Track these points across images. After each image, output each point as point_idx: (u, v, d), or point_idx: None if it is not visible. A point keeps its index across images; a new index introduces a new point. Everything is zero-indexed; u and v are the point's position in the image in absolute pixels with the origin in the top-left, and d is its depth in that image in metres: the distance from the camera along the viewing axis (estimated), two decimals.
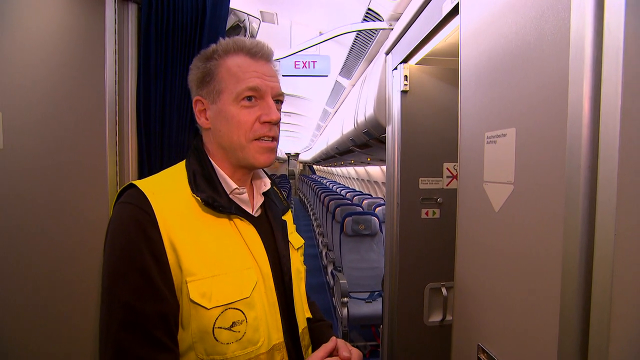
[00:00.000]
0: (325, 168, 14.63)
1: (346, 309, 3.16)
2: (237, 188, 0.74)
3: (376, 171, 6.31)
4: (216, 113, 0.72)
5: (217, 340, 0.64)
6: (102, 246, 0.63)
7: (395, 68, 1.45)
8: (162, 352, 0.62)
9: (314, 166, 18.43)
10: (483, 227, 0.75)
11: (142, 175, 1.00)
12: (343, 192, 7.22)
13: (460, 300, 0.86)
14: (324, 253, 5.18)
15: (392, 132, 1.44)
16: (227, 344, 0.65)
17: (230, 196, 0.74)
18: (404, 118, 1.40)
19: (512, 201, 0.65)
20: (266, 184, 0.84)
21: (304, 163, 17.70)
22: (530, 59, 0.60)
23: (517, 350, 0.66)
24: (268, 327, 0.71)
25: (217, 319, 0.64)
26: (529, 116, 0.61)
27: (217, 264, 0.67)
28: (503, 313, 0.69)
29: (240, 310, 0.67)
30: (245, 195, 0.76)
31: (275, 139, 0.75)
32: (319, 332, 0.90)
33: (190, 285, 0.64)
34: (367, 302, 3.39)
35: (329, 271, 4.39)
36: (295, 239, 0.88)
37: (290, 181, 15.86)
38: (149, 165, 1.00)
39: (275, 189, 0.93)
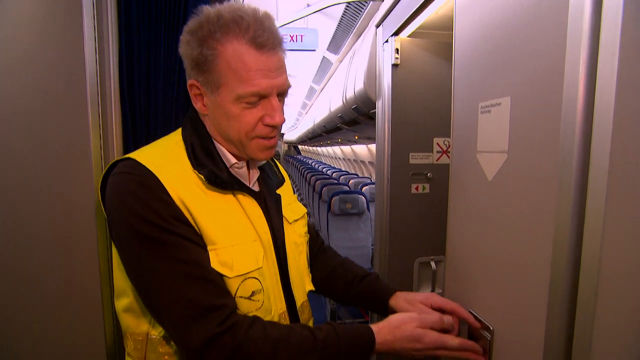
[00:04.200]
0: (310, 148, 14.57)
1: None
2: (236, 163, 0.74)
3: (363, 150, 6.33)
4: (214, 105, 0.69)
5: (237, 310, 0.66)
6: (86, 220, 0.63)
7: (386, 41, 1.44)
8: (226, 296, 0.64)
9: (299, 146, 18.33)
10: (476, 197, 0.77)
11: (128, 152, 0.97)
12: (329, 172, 7.22)
13: (451, 269, 0.89)
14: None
15: (383, 107, 1.44)
16: (248, 312, 0.67)
17: (230, 170, 0.74)
18: (395, 92, 1.40)
19: (505, 170, 0.67)
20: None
21: (289, 143, 17.58)
22: (527, 26, 0.61)
23: (506, 314, 0.69)
24: (275, 297, 0.74)
25: (238, 288, 0.66)
26: (524, 84, 0.62)
27: (233, 234, 0.68)
28: (493, 280, 0.72)
29: (258, 280, 0.69)
30: (244, 170, 0.76)
31: (277, 135, 0.74)
32: (370, 290, 0.91)
33: (212, 253, 0.65)
34: None
35: None
36: (295, 210, 0.89)
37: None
38: (135, 141, 0.97)
39: (271, 161, 0.93)
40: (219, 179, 0.69)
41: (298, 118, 9.70)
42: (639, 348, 0.46)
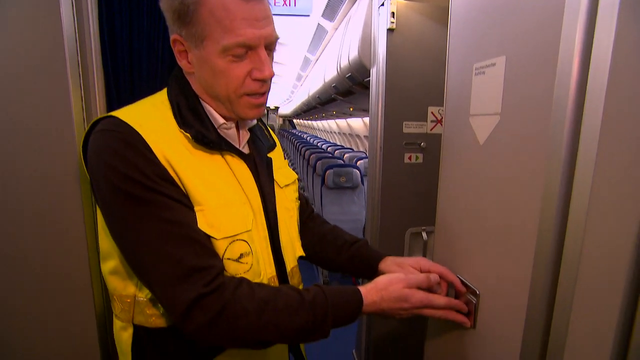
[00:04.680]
0: (305, 122, 14.45)
1: None
2: (224, 123, 0.72)
3: (358, 124, 6.28)
4: (200, 60, 0.66)
5: (225, 272, 0.66)
6: (70, 181, 0.62)
7: (382, 4, 1.39)
8: (213, 257, 0.63)
9: (294, 120, 18.14)
10: (467, 161, 0.77)
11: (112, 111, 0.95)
12: (324, 146, 7.18)
13: (441, 235, 0.90)
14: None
15: (377, 74, 1.41)
16: (236, 275, 0.67)
17: (219, 131, 0.72)
18: (390, 58, 1.37)
19: (497, 132, 0.66)
20: (252, 120, 0.81)
21: (284, 117, 17.40)
22: None
23: (492, 278, 0.70)
24: (264, 261, 0.74)
25: (225, 250, 0.65)
26: (520, 42, 0.60)
27: (220, 195, 0.67)
28: (481, 245, 0.73)
29: (246, 242, 0.68)
30: (233, 131, 0.75)
31: (266, 92, 0.71)
32: (359, 254, 0.92)
33: (199, 214, 0.64)
34: None
35: None
36: (286, 175, 0.88)
37: None
38: (119, 100, 0.95)
39: (261, 124, 0.91)
40: (206, 138, 0.67)
41: (293, 91, 9.55)
42: (618, 310, 0.46)
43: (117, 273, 0.68)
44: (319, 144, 8.01)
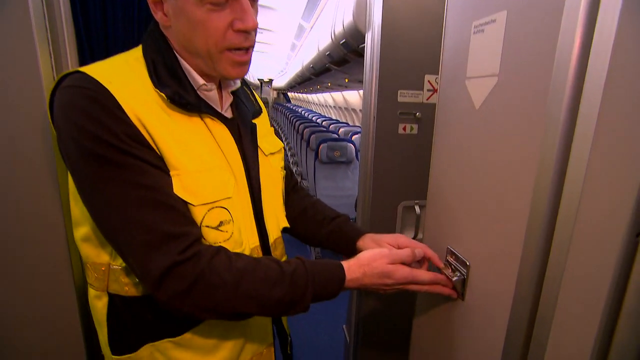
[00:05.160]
0: (301, 95, 14.26)
1: None
2: (204, 84, 0.68)
3: (354, 97, 6.20)
4: (176, 11, 0.61)
5: (204, 240, 0.64)
6: (39, 142, 0.58)
7: None
8: (189, 224, 0.61)
9: (289, 94, 17.90)
10: (461, 127, 0.74)
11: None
12: (319, 121, 7.17)
13: (432, 205, 0.88)
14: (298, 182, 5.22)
15: (372, 39, 1.35)
16: (214, 243, 0.65)
17: (198, 92, 0.68)
18: (385, 23, 1.31)
19: (494, 95, 0.63)
20: (235, 82, 0.78)
21: (278, 90, 17.14)
22: None
23: (483, 249, 0.69)
24: (247, 231, 0.72)
25: (204, 217, 0.63)
26: None
27: (199, 160, 0.64)
28: (473, 216, 0.71)
29: (227, 210, 0.66)
30: (214, 93, 0.71)
31: (251, 47, 0.67)
32: (339, 230, 0.91)
33: (175, 179, 0.61)
34: None
35: None
36: (271, 143, 0.86)
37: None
38: (93, 58, 0.90)
39: (247, 89, 0.87)
40: (184, 99, 0.64)
41: (287, 62, 9.35)
42: (609, 283, 0.45)
43: (90, 240, 0.66)
44: (313, 118, 7.96)
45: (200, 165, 0.64)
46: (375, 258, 0.70)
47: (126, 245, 0.58)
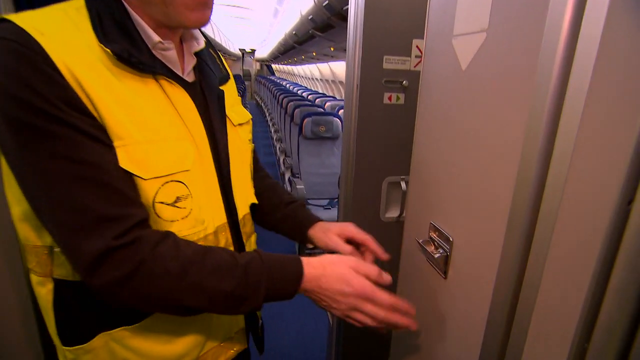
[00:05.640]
0: (285, 67, 14.02)
1: None
2: (160, 42, 0.62)
3: (341, 69, 6.11)
4: None
5: (158, 217, 0.61)
6: None
7: None
8: (130, 206, 0.57)
9: (273, 66, 17.58)
10: (446, 91, 0.72)
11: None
12: (304, 94, 7.09)
13: (416, 178, 0.88)
14: (281, 160, 5.23)
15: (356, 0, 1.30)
16: (171, 221, 0.62)
17: (153, 52, 0.62)
18: None
19: (482, 53, 0.60)
20: (199, 42, 0.73)
21: (261, 61, 16.81)
22: None
23: (467, 224, 0.68)
24: (211, 207, 0.69)
25: (157, 192, 0.60)
26: None
27: (151, 128, 0.60)
28: (458, 188, 0.70)
29: (184, 184, 0.63)
30: (173, 53, 0.65)
31: None
32: (293, 216, 0.90)
33: (120, 150, 0.56)
34: (325, 208, 3.53)
35: (287, 178, 4.47)
36: (239, 113, 0.83)
37: (246, 83, 15.09)
38: (31, 6, 0.83)
39: (212, 52, 0.83)
40: (134, 57, 0.58)
41: (269, 29, 9.12)
42: (594, 263, 0.44)
43: (28, 220, 0.61)
44: (298, 92, 7.86)
45: (152, 134, 0.60)
46: (341, 260, 0.67)
47: (56, 227, 0.55)
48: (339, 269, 0.66)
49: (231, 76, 0.86)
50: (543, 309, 0.50)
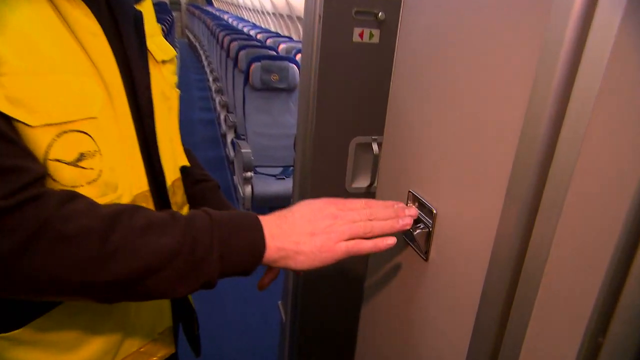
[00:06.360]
0: None
1: (250, 186, 3.27)
2: None
3: (300, 1, 6.00)
4: None
5: (54, 180, 0.57)
6: None
7: None
8: (20, 157, 0.54)
9: None
10: (436, 25, 0.71)
11: None
12: (252, 33, 7.06)
13: (391, 135, 0.88)
14: (222, 117, 5.19)
15: None
16: (72, 187, 0.59)
17: None
18: None
19: None
20: None
21: None
22: None
23: (453, 192, 0.68)
24: (126, 169, 0.67)
25: (50, 146, 0.56)
26: None
27: (37, 57, 0.56)
28: (444, 147, 0.70)
29: (89, 136, 0.60)
30: None
31: None
32: (200, 198, 0.93)
33: None
34: (279, 178, 3.54)
35: (229, 140, 4.45)
36: (162, 47, 0.82)
37: (174, 14, 14.52)
38: None
39: None
40: None
41: None
42: (615, 245, 0.44)
43: None
44: (245, 29, 7.75)
45: (40, 64, 0.56)
46: (313, 200, 0.68)
47: None
48: (313, 202, 0.67)
49: None
50: (548, 296, 0.50)
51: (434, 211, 0.72)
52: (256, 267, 0.62)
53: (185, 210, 0.86)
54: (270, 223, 0.63)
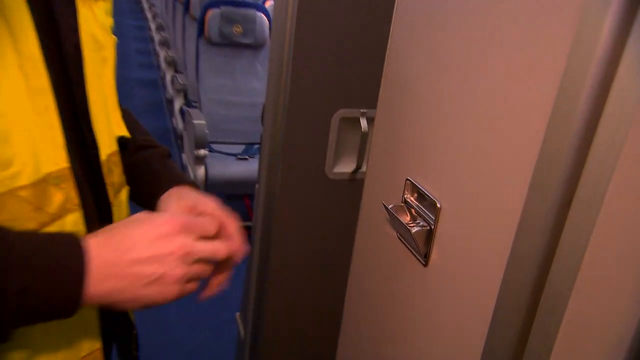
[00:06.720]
0: None
1: (204, 167, 3.26)
2: None
3: None
4: None
5: None
6: None
7: None
8: None
9: None
10: None
11: None
12: None
13: (386, 111, 0.90)
14: (167, 77, 5.15)
15: None
16: None
17: None
18: None
19: None
20: None
21: None
22: None
23: (460, 186, 0.70)
24: (33, 140, 0.65)
25: None
26: None
27: None
28: (453, 127, 0.72)
29: None
30: None
31: None
32: (143, 166, 0.92)
33: None
34: (240, 158, 3.53)
35: (177, 108, 4.41)
36: None
37: None
38: None
39: None
40: None
41: None
42: None
43: None
44: None
45: None
46: (142, 218, 0.68)
47: None
48: (144, 226, 0.67)
49: None
50: (579, 312, 0.51)
51: (438, 205, 0.73)
52: (77, 305, 0.61)
53: (123, 194, 0.86)
54: (102, 241, 0.64)
